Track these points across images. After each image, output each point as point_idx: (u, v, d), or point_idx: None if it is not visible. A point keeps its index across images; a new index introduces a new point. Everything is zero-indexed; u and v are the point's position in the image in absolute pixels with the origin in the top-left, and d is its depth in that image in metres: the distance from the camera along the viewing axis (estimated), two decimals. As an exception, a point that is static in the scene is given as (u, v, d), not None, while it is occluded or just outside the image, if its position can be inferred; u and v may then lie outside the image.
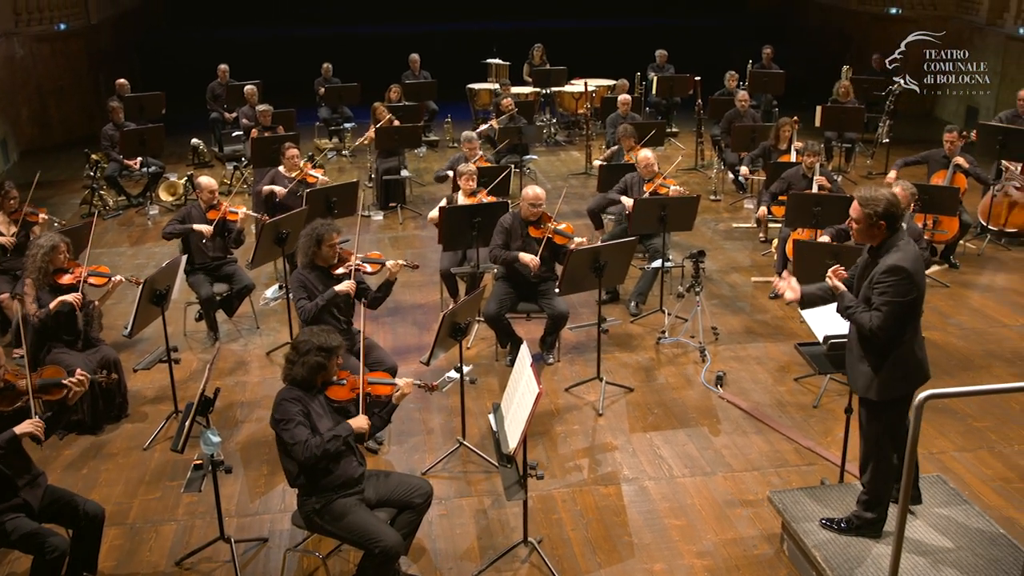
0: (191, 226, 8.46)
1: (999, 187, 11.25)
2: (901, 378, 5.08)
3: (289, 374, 5.23)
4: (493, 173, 9.95)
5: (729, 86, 14.83)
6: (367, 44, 20.47)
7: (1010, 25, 16.53)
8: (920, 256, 5.04)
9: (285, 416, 5.05)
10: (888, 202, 4.98)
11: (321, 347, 5.18)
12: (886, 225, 5.01)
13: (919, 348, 5.11)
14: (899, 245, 5.00)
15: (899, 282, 4.89)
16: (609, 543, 5.88)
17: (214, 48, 18.34)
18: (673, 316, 8.95)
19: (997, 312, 9.34)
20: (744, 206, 12.75)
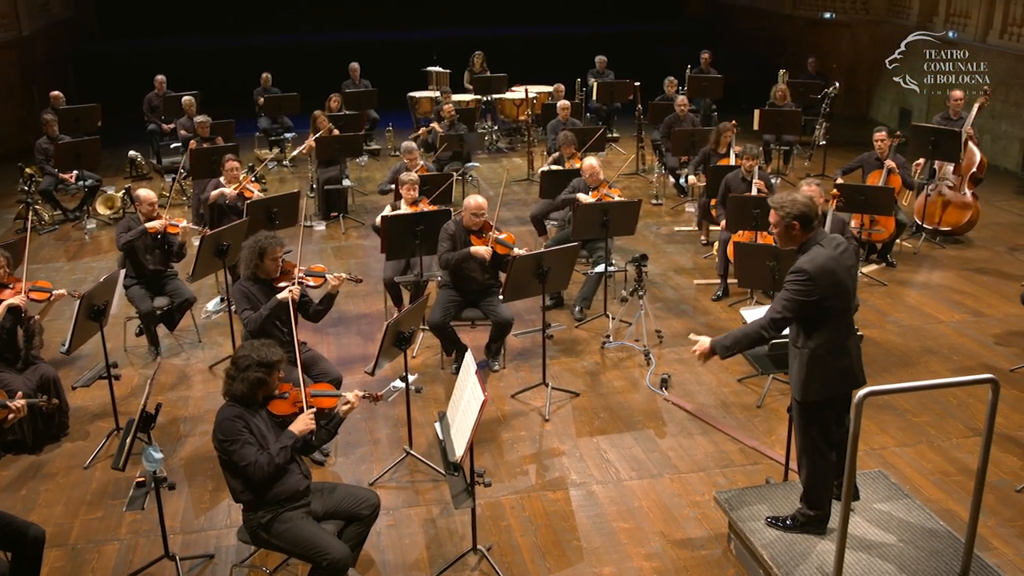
0: (144, 226, 8.32)
1: (933, 187, 11.48)
2: (821, 381, 5.13)
3: (229, 390, 5.14)
4: (435, 181, 9.94)
5: (668, 91, 14.96)
6: (306, 53, 20.33)
7: (939, 28, 16.87)
8: (836, 261, 5.02)
9: (230, 436, 4.96)
10: (799, 203, 5.06)
11: (261, 362, 5.09)
12: (799, 226, 5.08)
13: (842, 355, 5.10)
14: (813, 248, 5.06)
15: (797, 281, 4.98)
16: (558, 548, 5.90)
17: (150, 59, 18.13)
18: (617, 320, 9.01)
19: (934, 309, 9.52)
20: (685, 209, 12.87)
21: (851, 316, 5.23)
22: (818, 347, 5.11)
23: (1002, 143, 14.95)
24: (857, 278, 5.25)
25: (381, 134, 16.44)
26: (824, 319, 5.07)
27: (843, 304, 5.09)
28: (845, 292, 5.08)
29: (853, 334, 5.23)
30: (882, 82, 18.70)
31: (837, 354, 5.10)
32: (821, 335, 5.09)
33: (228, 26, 22.29)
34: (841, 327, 5.11)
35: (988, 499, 6.28)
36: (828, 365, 5.11)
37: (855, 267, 5.21)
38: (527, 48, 20.88)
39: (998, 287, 10.14)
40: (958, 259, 10.99)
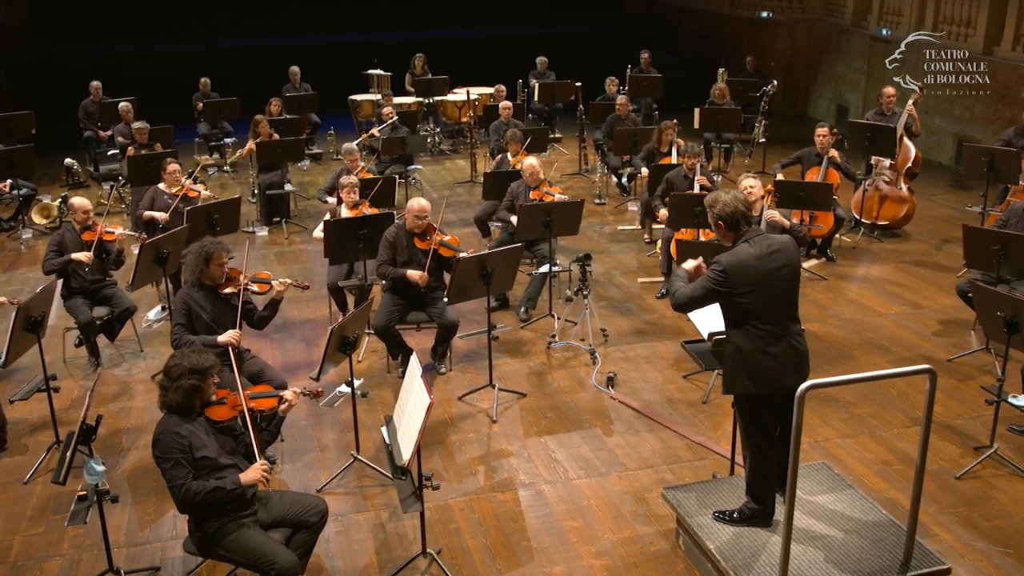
0: (69, 257, 8.15)
1: (870, 182, 11.68)
2: (742, 376, 5.19)
3: (164, 401, 5.05)
4: (376, 184, 9.89)
5: (609, 91, 15.06)
6: (245, 57, 20.16)
7: (873, 27, 17.19)
8: (760, 261, 5.04)
9: (163, 453, 4.89)
10: (725, 204, 5.13)
11: (193, 369, 5.00)
12: (724, 226, 5.16)
13: (765, 355, 5.12)
14: (740, 246, 5.12)
15: (712, 271, 5.09)
16: (508, 549, 5.90)
17: (85, 64, 17.83)
18: (563, 320, 9.04)
19: (873, 302, 9.68)
20: (628, 208, 12.95)
21: (782, 318, 5.17)
22: (740, 343, 5.17)
23: (936, 138, 15.24)
24: (792, 279, 5.19)
25: (323, 138, 16.35)
26: (744, 316, 5.12)
27: (764, 304, 5.08)
28: (766, 293, 5.07)
29: (784, 337, 5.16)
30: (819, 79, 19.00)
31: (760, 353, 5.13)
32: (743, 332, 5.16)
33: (165, 31, 22.02)
34: (765, 327, 5.11)
35: (929, 487, 6.40)
36: (750, 362, 5.16)
37: (789, 269, 5.14)
38: (468, 50, 20.89)
39: (935, 279, 10.33)
40: (896, 252, 11.19)
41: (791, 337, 5.19)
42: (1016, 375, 7.17)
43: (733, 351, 5.22)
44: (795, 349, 5.20)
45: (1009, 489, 6.48)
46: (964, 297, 8.48)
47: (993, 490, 6.47)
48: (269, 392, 5.55)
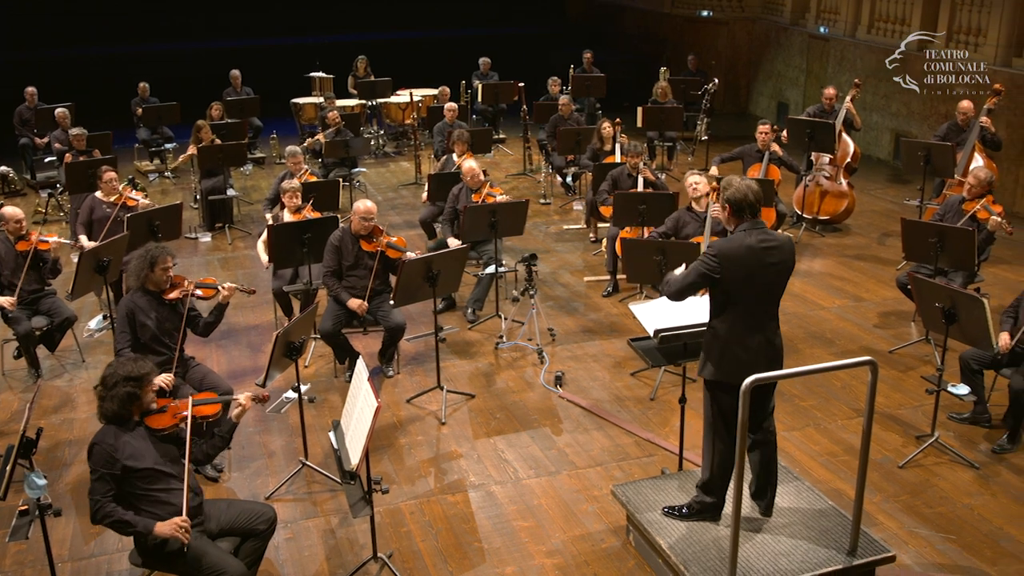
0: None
1: (810, 177, 11.84)
2: (715, 363, 5.22)
3: (101, 411, 4.95)
4: (321, 188, 9.83)
5: (552, 91, 15.10)
6: (184, 61, 19.93)
7: (811, 25, 17.42)
8: (752, 252, 5.05)
9: (93, 465, 4.81)
10: (735, 188, 5.15)
11: (129, 377, 4.90)
12: (730, 210, 5.17)
13: (740, 346, 5.15)
14: (737, 234, 5.15)
15: (706, 256, 5.10)
16: (460, 551, 5.89)
17: (19, 70, 17.48)
18: (510, 320, 9.05)
19: (816, 296, 9.81)
20: (573, 208, 12.99)
21: (763, 312, 5.20)
22: (719, 330, 5.20)
23: (874, 133, 15.49)
24: (782, 277, 5.21)
25: (265, 142, 16.19)
26: (727, 304, 5.15)
27: (748, 295, 5.11)
28: (753, 285, 5.09)
29: (762, 331, 5.19)
30: (760, 77, 19.22)
31: (735, 343, 5.16)
32: (723, 319, 5.18)
33: (102, 35, 21.66)
34: (745, 318, 5.14)
35: (873, 476, 6.51)
36: (725, 350, 5.18)
37: (781, 266, 5.17)
38: (410, 52, 20.83)
39: (875, 272, 10.50)
40: (837, 247, 11.35)
41: (768, 332, 5.22)
42: (955, 364, 7.31)
43: (711, 336, 5.25)
44: (771, 344, 5.23)
45: (950, 476, 6.60)
46: (904, 289, 8.63)
47: (935, 477, 6.60)
48: (214, 398, 5.47)
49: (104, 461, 4.79)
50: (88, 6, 21.74)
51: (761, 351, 5.17)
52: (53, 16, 21.39)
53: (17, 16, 21.18)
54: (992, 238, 8.60)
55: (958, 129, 10.98)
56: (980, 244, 8.32)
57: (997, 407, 7.20)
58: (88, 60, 19.90)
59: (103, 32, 21.70)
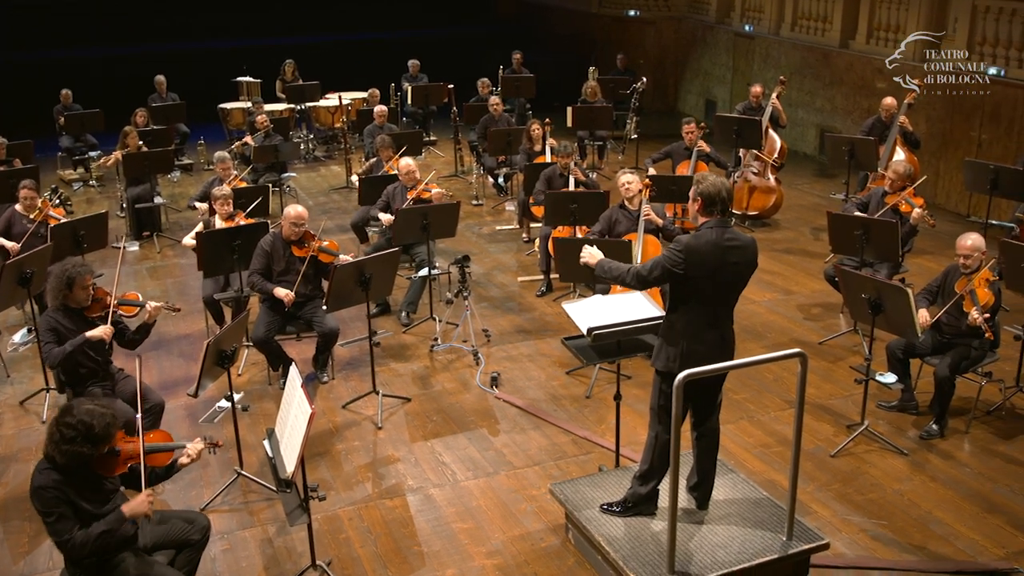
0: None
1: (739, 174, 12.00)
2: (668, 354, 5.27)
3: (49, 454, 4.60)
4: (251, 194, 9.72)
5: (482, 92, 15.10)
6: (106, 67, 19.53)
7: (736, 23, 17.67)
8: (716, 248, 5.09)
9: (45, 508, 4.55)
10: (710, 183, 5.17)
11: (88, 438, 4.55)
12: (701, 203, 5.18)
13: (695, 340, 5.20)
14: (703, 230, 5.17)
15: (671, 250, 5.13)
16: (399, 556, 5.86)
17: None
18: (444, 322, 9.03)
19: (747, 291, 9.73)
20: (505, 208, 13.01)
21: (721, 308, 5.26)
22: (676, 322, 5.25)
23: (800, 129, 15.75)
24: (742, 276, 5.27)
25: (193, 148, 15.95)
26: (687, 299, 5.20)
27: (708, 291, 5.15)
28: (713, 282, 5.13)
29: (717, 328, 5.25)
30: (687, 75, 19.44)
31: (690, 337, 5.20)
32: (681, 313, 5.23)
33: (20, 41, 21.11)
34: (703, 313, 5.19)
35: (806, 466, 6.62)
36: (679, 343, 5.23)
37: (743, 266, 5.22)
38: (338, 55, 20.68)
39: (804, 265, 10.68)
40: (766, 241, 11.51)
41: (723, 329, 5.28)
42: (883, 354, 7.46)
43: (667, 328, 5.30)
44: (724, 340, 5.29)
45: (880, 463, 6.74)
46: (831, 281, 8.79)
47: (866, 465, 6.73)
48: (167, 444, 5.22)
49: (55, 501, 4.55)
50: (4, 11, 21.21)
51: (715, 346, 5.24)
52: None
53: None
54: (915, 230, 8.81)
55: (882, 125, 11.22)
56: (903, 236, 8.51)
57: (924, 394, 7.38)
58: (6, 66, 19.40)
59: (21, 38, 21.16)
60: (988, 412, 7.38)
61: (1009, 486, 6.47)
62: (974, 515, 6.16)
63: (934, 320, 7.03)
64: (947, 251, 7.34)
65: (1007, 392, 7.45)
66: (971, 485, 6.49)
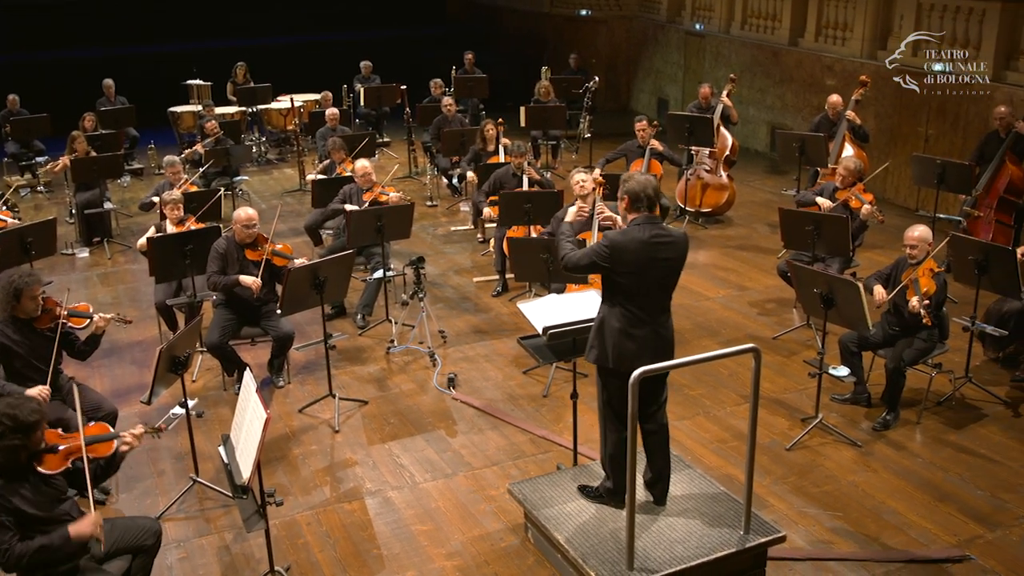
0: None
1: (691, 171, 12.08)
2: (599, 349, 5.33)
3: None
4: (202, 198, 9.62)
5: (435, 93, 15.07)
6: (52, 71, 19.23)
7: (687, 22, 17.79)
8: (643, 246, 5.16)
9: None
10: (635, 181, 5.30)
11: (16, 427, 4.52)
12: (627, 201, 5.30)
13: (626, 336, 5.24)
14: (630, 228, 5.28)
15: (599, 244, 5.23)
16: (359, 559, 5.83)
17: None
18: (400, 324, 9.00)
19: (701, 287, 10.01)
20: (460, 209, 13.00)
21: (652, 304, 5.28)
22: (607, 317, 5.30)
23: (751, 126, 15.89)
24: (672, 272, 5.32)
25: (143, 152, 15.75)
26: (617, 294, 5.25)
27: (637, 288, 5.20)
28: (641, 277, 5.19)
29: (650, 324, 5.27)
30: (639, 74, 19.54)
31: (623, 333, 5.24)
32: (611, 307, 5.28)
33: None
34: (634, 309, 5.23)
35: (762, 460, 6.68)
36: (611, 339, 5.27)
37: (674, 261, 5.29)
38: (289, 57, 20.55)
39: (757, 261, 10.78)
40: (720, 238, 11.61)
41: (657, 325, 5.31)
42: (835, 348, 7.55)
43: (599, 323, 5.34)
44: (658, 336, 5.31)
45: (835, 455, 6.83)
46: (784, 277, 8.88)
47: (821, 457, 6.81)
48: (106, 435, 5.21)
49: None
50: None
51: (648, 342, 5.26)
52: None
53: None
54: (865, 225, 8.92)
55: (829, 121, 11.35)
56: (854, 231, 8.62)
57: (876, 386, 7.48)
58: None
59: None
60: (939, 403, 7.50)
61: (960, 475, 6.58)
62: (926, 504, 6.26)
63: (891, 296, 7.11)
64: (897, 245, 7.45)
65: (957, 383, 7.58)
66: (923, 475, 6.59)
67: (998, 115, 9.94)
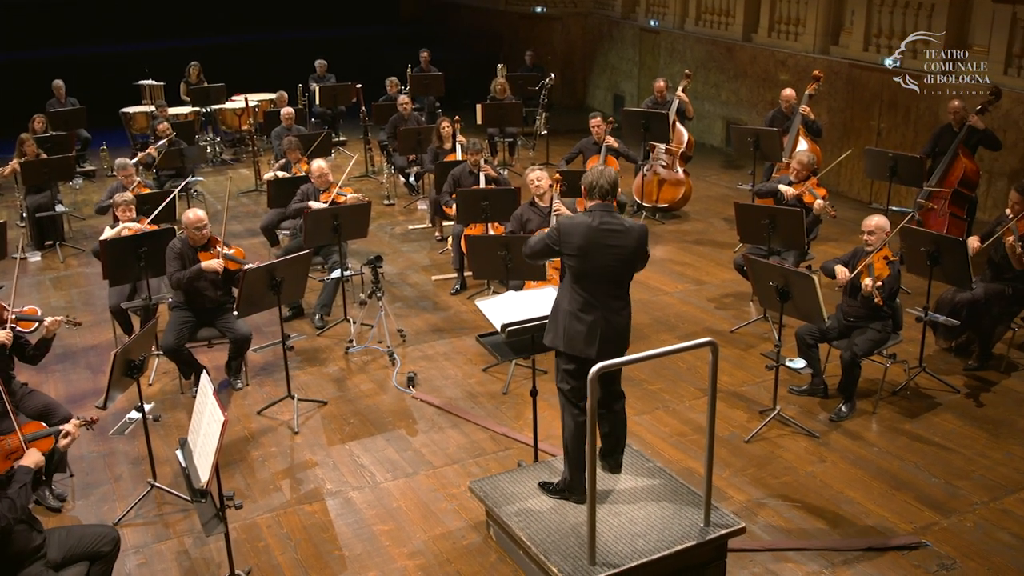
0: None
1: (648, 167, 12.14)
2: (554, 331, 5.46)
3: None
4: (155, 199, 9.51)
5: (390, 91, 15.02)
6: (2, 73, 18.91)
7: (642, 18, 17.86)
8: (592, 231, 5.29)
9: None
10: (591, 172, 5.50)
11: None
12: (583, 191, 5.51)
13: (576, 319, 5.34)
14: (581, 213, 5.47)
15: (551, 229, 5.51)
16: (320, 561, 5.80)
17: None
18: (359, 324, 8.96)
19: (659, 282, 10.06)
20: (418, 207, 12.96)
21: (602, 291, 5.37)
22: (560, 299, 5.46)
23: (706, 122, 16.00)
24: (623, 261, 5.38)
25: (95, 154, 15.54)
26: (570, 278, 5.41)
27: (586, 272, 5.32)
28: (589, 262, 5.30)
29: (599, 309, 5.36)
30: (595, 71, 19.60)
31: (572, 316, 5.36)
32: (566, 292, 5.43)
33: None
34: (584, 293, 5.34)
35: (721, 452, 6.73)
36: (563, 321, 5.40)
37: (624, 250, 5.36)
38: (243, 56, 20.36)
39: (714, 255, 10.86)
40: (676, 232, 11.68)
41: (607, 311, 5.39)
42: (792, 340, 7.62)
43: (555, 305, 5.50)
44: (608, 323, 5.39)
45: (792, 446, 6.89)
46: (740, 270, 8.94)
47: (779, 449, 6.87)
48: (45, 430, 5.19)
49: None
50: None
51: (596, 328, 5.37)
52: None
53: None
54: (819, 219, 9.02)
55: (783, 116, 11.45)
56: (808, 225, 8.70)
57: (832, 377, 7.56)
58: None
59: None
60: (894, 392, 7.60)
61: (915, 463, 6.67)
62: (883, 493, 6.34)
63: (850, 278, 7.17)
64: (852, 237, 7.54)
65: (911, 372, 7.68)
66: (879, 464, 6.68)
67: (952, 109, 10.07)
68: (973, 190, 10.06)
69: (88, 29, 21.71)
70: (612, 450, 5.85)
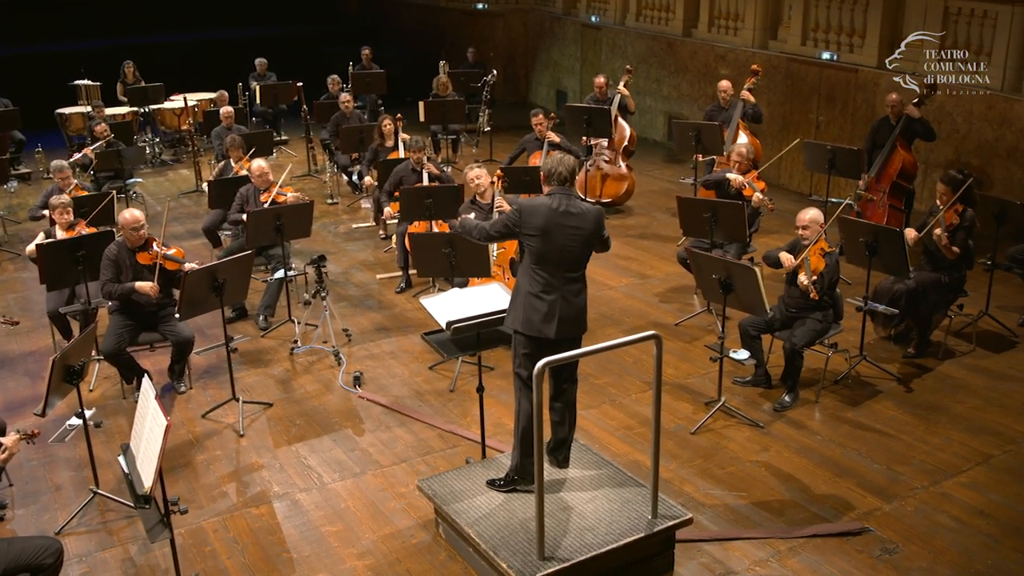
0: None
1: (591, 162, 12.19)
2: (514, 312, 5.56)
3: None
4: (93, 201, 9.35)
5: (332, 90, 14.91)
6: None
7: (583, 14, 17.93)
8: (553, 213, 5.40)
9: None
10: (550, 160, 5.60)
11: None
12: (543, 178, 5.62)
13: (535, 300, 5.44)
14: (541, 196, 5.57)
15: (511, 210, 5.56)
16: (268, 564, 5.75)
17: None
18: (303, 324, 8.90)
19: (603, 276, 10.10)
20: (361, 206, 12.89)
21: (561, 273, 5.46)
22: (521, 282, 5.55)
23: (648, 116, 16.11)
24: (578, 241, 5.47)
25: (30, 156, 15.23)
26: (529, 259, 5.50)
27: (545, 253, 5.42)
28: (549, 243, 5.40)
29: (558, 290, 5.45)
30: (537, 67, 19.63)
31: (532, 296, 5.46)
32: (525, 273, 5.53)
33: None
34: (543, 275, 5.45)
35: (668, 444, 6.79)
36: (523, 302, 5.50)
37: (582, 231, 5.47)
38: (181, 55, 20.11)
39: (658, 249, 10.94)
40: (620, 227, 11.74)
41: (565, 292, 5.49)
42: (735, 332, 7.70)
43: (516, 287, 5.60)
44: (566, 303, 5.49)
45: (738, 437, 6.97)
46: (684, 264, 9.02)
47: (724, 440, 6.95)
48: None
49: None
50: None
51: (555, 308, 5.46)
52: None
53: None
54: (759, 212, 9.12)
55: (720, 109, 11.57)
56: (748, 217, 8.80)
57: (775, 368, 7.66)
58: None
59: None
60: (836, 381, 7.71)
61: (857, 450, 6.78)
62: (827, 480, 6.44)
63: (794, 265, 7.25)
64: (792, 229, 7.62)
65: (852, 361, 7.80)
66: (823, 452, 6.78)
67: (890, 102, 10.24)
68: (911, 182, 10.25)
69: (21, 27, 21.26)
70: (560, 444, 5.88)
